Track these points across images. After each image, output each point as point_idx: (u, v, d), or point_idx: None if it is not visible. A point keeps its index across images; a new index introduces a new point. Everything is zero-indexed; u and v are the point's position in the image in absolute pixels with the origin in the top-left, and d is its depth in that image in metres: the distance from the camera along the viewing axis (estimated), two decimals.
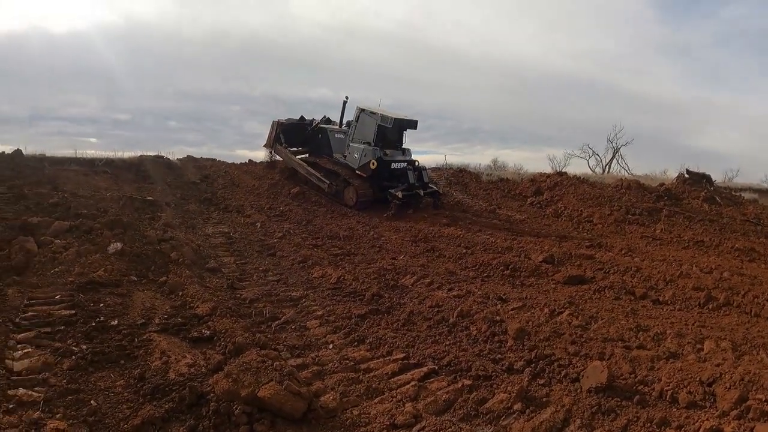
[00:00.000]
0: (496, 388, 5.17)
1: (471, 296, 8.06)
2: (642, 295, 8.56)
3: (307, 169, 18.10)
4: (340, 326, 6.65)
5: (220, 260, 9.65)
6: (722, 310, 8.08)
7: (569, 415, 4.67)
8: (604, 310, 7.71)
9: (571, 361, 5.75)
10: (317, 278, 8.83)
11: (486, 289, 8.60)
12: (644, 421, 4.62)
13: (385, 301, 7.71)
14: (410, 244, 11.99)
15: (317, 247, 11.31)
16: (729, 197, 20.68)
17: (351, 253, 10.84)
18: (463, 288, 8.55)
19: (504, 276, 9.60)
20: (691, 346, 6.29)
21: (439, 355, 5.85)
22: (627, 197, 18.37)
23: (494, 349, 6.13)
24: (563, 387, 5.25)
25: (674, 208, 17.80)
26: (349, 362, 5.60)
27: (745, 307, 8.13)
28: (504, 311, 7.38)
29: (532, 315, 7.30)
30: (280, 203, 16.43)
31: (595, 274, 9.76)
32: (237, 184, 18.61)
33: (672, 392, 5.04)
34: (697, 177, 21.77)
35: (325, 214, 15.55)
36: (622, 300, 8.40)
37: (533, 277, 9.64)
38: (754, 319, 7.75)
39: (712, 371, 5.31)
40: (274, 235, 12.08)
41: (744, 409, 4.68)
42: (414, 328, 6.75)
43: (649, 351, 6.06)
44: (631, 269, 10.06)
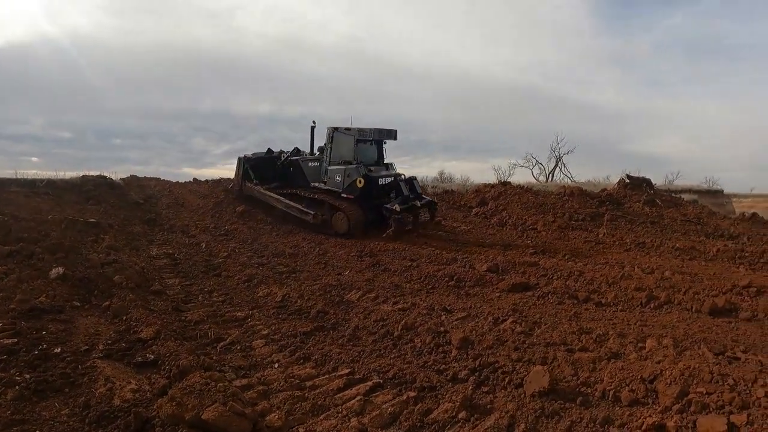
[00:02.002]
0: (440, 398, 5.21)
1: (416, 308, 8.15)
2: (585, 299, 8.81)
3: (285, 203, 16.96)
4: (286, 344, 6.62)
5: (165, 282, 9.53)
6: (664, 309, 8.41)
7: (513, 420, 4.73)
8: (547, 316, 7.90)
9: (515, 367, 5.84)
10: (262, 297, 8.79)
11: (431, 300, 8.70)
12: (588, 421, 4.72)
13: (331, 317, 7.73)
14: (356, 259, 12.10)
15: (262, 265, 11.28)
16: (669, 199, 21.52)
17: (296, 271, 10.82)
18: (408, 301, 8.63)
19: (449, 287, 9.74)
20: (633, 345, 6.50)
21: (384, 368, 5.86)
22: (570, 204, 18.89)
23: (438, 360, 6.18)
24: (507, 393, 5.32)
25: (616, 212, 18.41)
26: (295, 380, 5.58)
27: (686, 304, 8.48)
28: (448, 322, 7.46)
29: (476, 324, 7.39)
30: (225, 222, 16.36)
31: (538, 281, 9.99)
32: (181, 203, 18.54)
33: (614, 391, 5.18)
34: (637, 181, 22.58)
35: (270, 232, 15.59)
36: (565, 304, 8.63)
37: (478, 286, 9.80)
38: (695, 315, 8.09)
39: (653, 368, 5.50)
40: (219, 255, 12.00)
41: (685, 403, 4.84)
42: (359, 343, 6.77)
43: (591, 353, 6.22)
44: (574, 274, 10.37)
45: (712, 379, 5.22)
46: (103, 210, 15.68)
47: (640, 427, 4.55)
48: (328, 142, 16.60)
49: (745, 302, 8.59)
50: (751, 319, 7.99)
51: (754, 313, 8.14)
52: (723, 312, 8.19)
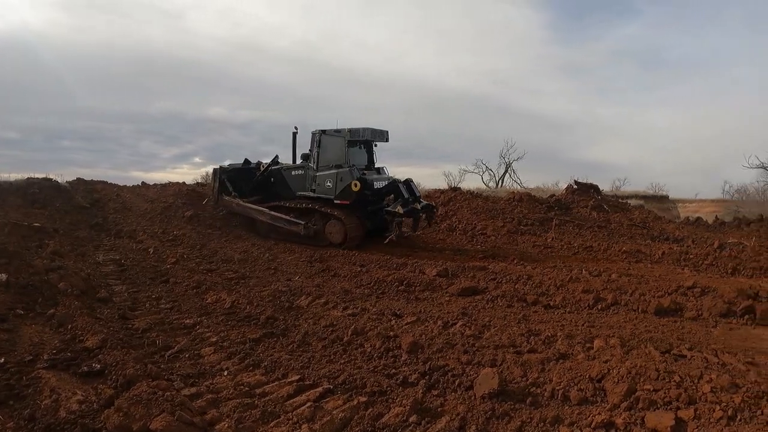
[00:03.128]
0: (391, 402, 5.21)
1: (366, 313, 8.20)
2: (533, 301, 9.02)
3: (271, 215, 15.85)
4: (235, 352, 6.54)
5: (112, 289, 9.33)
6: (611, 310, 8.69)
7: (464, 422, 4.76)
8: (496, 319, 8.02)
9: (465, 370, 5.90)
10: (211, 304, 8.68)
11: (381, 305, 8.77)
12: (537, 421, 4.79)
13: (280, 323, 7.69)
14: (305, 265, 12.13)
15: (211, 271, 11.18)
16: (616, 204, 22.16)
17: (246, 277, 10.77)
18: (358, 306, 8.69)
19: (399, 291, 9.84)
20: (581, 345, 6.66)
21: (334, 374, 5.85)
22: (519, 209, 19.24)
23: (389, 365, 6.20)
24: (457, 396, 5.37)
25: (564, 217, 18.83)
26: (244, 388, 5.51)
27: (632, 305, 8.77)
28: (398, 326, 7.51)
29: (426, 328, 7.46)
30: (174, 227, 16.11)
31: (488, 285, 10.16)
32: (129, 207, 18.21)
33: (563, 391, 5.28)
34: (585, 187, 23.19)
35: (219, 237, 15.46)
36: (514, 307, 8.81)
37: (428, 291, 9.92)
38: (642, 315, 8.39)
39: (600, 368, 5.63)
40: (167, 261, 11.85)
41: (633, 401, 4.98)
42: (309, 349, 6.74)
43: (539, 354, 6.34)
44: (523, 277, 10.56)
45: (659, 376, 5.38)
46: (49, 214, 15.32)
47: (590, 425, 4.64)
48: (314, 146, 15.71)
49: (690, 302, 8.91)
50: (696, 318, 8.36)
51: (698, 312, 8.49)
52: (669, 312, 8.52)
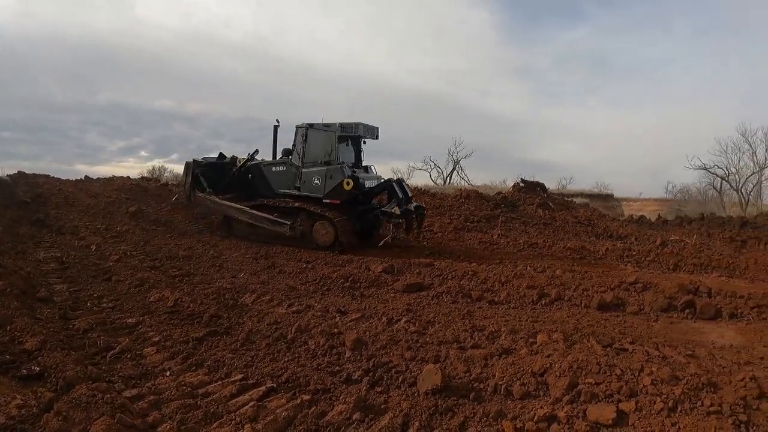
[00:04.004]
0: (335, 400, 5.17)
1: (310, 311, 8.15)
2: (478, 297, 9.12)
3: (252, 214, 14.83)
4: (178, 351, 6.38)
5: (52, 288, 8.94)
6: (554, 305, 8.88)
7: (408, 419, 4.75)
8: (441, 315, 8.06)
9: (408, 366, 5.89)
10: (154, 302, 8.44)
11: (326, 302, 8.72)
12: (481, 415, 4.82)
13: (224, 321, 7.55)
14: (251, 262, 12.00)
15: (155, 268, 10.92)
16: (562, 202, 22.64)
17: (190, 274, 10.54)
18: (303, 303, 8.61)
19: (344, 288, 9.81)
20: (524, 341, 6.74)
21: (278, 372, 5.77)
22: (466, 206, 19.48)
23: (332, 362, 6.16)
24: (401, 392, 5.35)
25: (511, 214, 19.18)
26: (187, 388, 5.38)
27: (575, 300, 9.00)
28: (342, 323, 7.48)
29: (371, 325, 7.45)
30: (117, 223, 15.63)
31: (433, 281, 10.24)
32: (72, 203, 17.62)
33: (506, 386, 5.32)
34: (531, 185, 23.66)
35: (164, 234, 15.08)
36: (459, 303, 8.88)
37: (373, 287, 9.92)
38: (584, 310, 8.61)
39: (543, 362, 5.72)
40: (109, 258, 11.43)
41: (575, 394, 5.07)
42: (253, 347, 6.63)
43: (483, 349, 6.38)
44: (469, 273, 10.70)
45: (600, 369, 5.49)
46: None
47: (532, 419, 4.69)
48: (301, 141, 14.84)
49: (632, 297, 9.20)
50: (637, 312, 8.61)
51: (640, 306, 8.76)
52: (611, 307, 8.77)
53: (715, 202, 40.02)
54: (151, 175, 36.80)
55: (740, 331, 7.95)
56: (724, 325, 8.29)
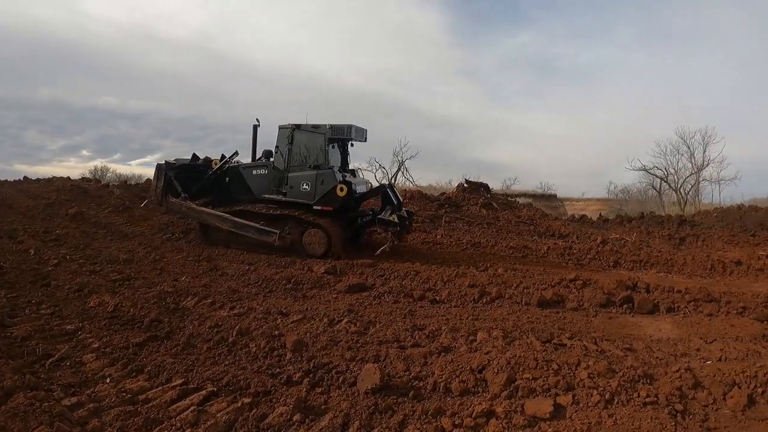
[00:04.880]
0: (275, 402, 5.15)
1: (252, 313, 8.09)
2: (420, 297, 9.21)
3: (235, 221, 13.68)
4: (118, 357, 6.28)
5: None
6: (495, 303, 9.05)
7: (348, 419, 4.78)
8: (382, 315, 8.12)
9: (349, 367, 5.91)
10: (94, 307, 8.23)
11: (268, 304, 8.67)
12: (420, 413, 4.87)
13: (165, 325, 7.44)
14: (193, 264, 11.78)
15: (95, 273, 10.59)
16: (505, 202, 23.01)
17: (131, 278, 10.29)
18: (245, 305, 8.55)
19: (286, 290, 9.78)
20: (464, 339, 6.86)
21: (219, 376, 5.72)
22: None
23: (273, 364, 6.15)
24: (341, 392, 5.37)
25: (454, 214, 19.34)
26: (127, 395, 5.30)
27: (516, 298, 9.20)
28: (284, 325, 7.47)
29: (312, 326, 7.44)
30: (57, 226, 15.13)
31: (375, 281, 10.31)
32: (9, 205, 17.27)
33: (445, 383, 5.41)
34: (475, 186, 23.95)
35: (105, 237, 14.62)
36: (400, 303, 8.95)
37: (315, 288, 9.91)
38: (525, 307, 8.80)
39: (481, 359, 5.83)
40: (49, 263, 11.06)
41: (513, 389, 5.19)
42: (194, 351, 6.57)
43: (423, 348, 6.47)
44: (411, 273, 10.81)
45: (538, 365, 5.62)
46: None
47: (471, 415, 4.77)
48: (286, 143, 13.88)
49: (572, 294, 9.44)
50: (577, 308, 8.88)
51: (579, 303, 9.01)
52: (551, 304, 9.00)
53: (655, 201, 41.29)
54: (92, 176, 35.96)
55: (677, 324, 8.24)
56: (661, 318, 8.60)
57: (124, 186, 22.81)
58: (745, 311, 8.84)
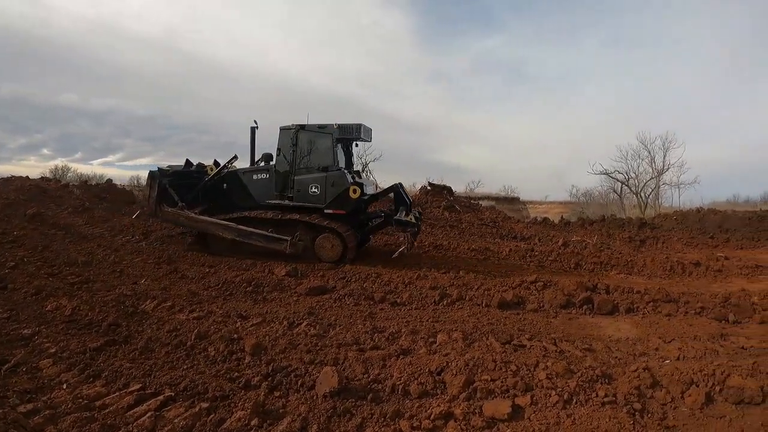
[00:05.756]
0: (233, 406, 5.10)
1: (212, 316, 8.03)
2: (381, 299, 9.24)
3: (241, 229, 12.97)
4: (75, 362, 6.13)
5: None
6: (456, 305, 9.12)
7: (306, 422, 4.75)
8: (342, 317, 8.13)
9: (308, 370, 5.87)
10: (51, 311, 8.04)
11: (227, 307, 8.63)
12: (378, 416, 4.86)
13: (123, 329, 7.31)
14: (153, 267, 11.63)
15: (53, 275, 10.35)
16: (468, 205, 23.20)
17: (89, 281, 10.07)
18: (205, 308, 8.48)
19: (247, 293, 9.71)
20: (423, 341, 6.87)
21: (177, 380, 5.64)
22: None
23: (232, 368, 6.07)
24: (300, 396, 5.33)
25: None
26: (84, 401, 5.18)
27: (476, 299, 9.28)
28: (243, 328, 7.43)
29: (271, 329, 7.41)
30: (14, 227, 14.58)
31: (336, 284, 10.31)
32: None
33: (403, 386, 5.40)
34: (438, 188, 24.11)
35: (63, 238, 14.23)
36: (361, 305, 8.96)
37: (276, 291, 9.88)
38: (485, 309, 8.89)
39: (440, 361, 5.85)
40: (5, 265, 10.74)
41: (472, 391, 5.21)
42: (152, 356, 6.46)
43: (382, 351, 6.47)
44: (372, 276, 10.87)
45: (496, 366, 5.67)
46: None
47: (429, 417, 4.77)
48: (288, 144, 13.42)
49: (532, 295, 9.57)
50: (537, 310, 8.99)
51: (540, 304, 9.14)
52: (511, 305, 9.10)
53: (616, 204, 42.27)
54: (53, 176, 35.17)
55: (636, 324, 8.40)
56: (621, 319, 8.75)
57: (85, 186, 22.40)
58: (704, 311, 9.06)
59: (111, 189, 22.24)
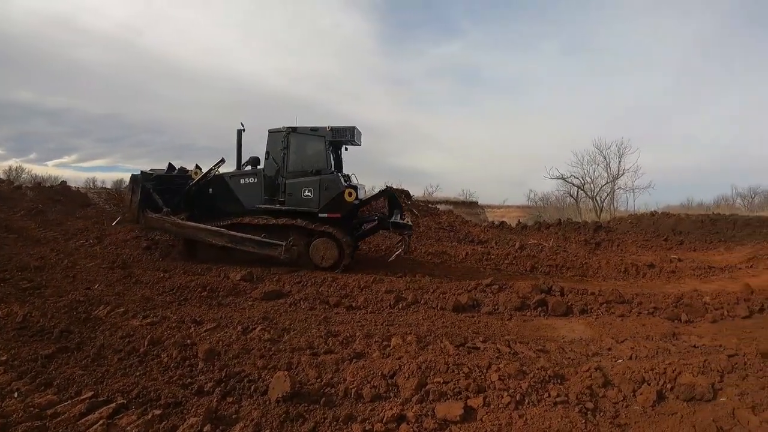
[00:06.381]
0: (186, 413, 5.05)
1: (165, 322, 7.92)
2: (336, 303, 9.24)
3: (233, 235, 12.47)
4: (26, 371, 5.97)
5: None
6: (411, 308, 9.18)
7: (259, 428, 4.74)
8: (297, 322, 8.09)
9: (261, 375, 5.85)
10: (2, 318, 7.79)
11: (182, 312, 8.53)
12: (331, 420, 4.87)
13: (75, 336, 7.14)
14: (106, 272, 11.35)
15: (4, 281, 10.00)
16: (426, 209, 23.29)
17: (42, 286, 9.78)
18: (159, 314, 8.36)
19: (202, 298, 9.63)
20: (377, 344, 6.89)
21: (129, 387, 5.55)
22: None
23: (185, 374, 6.01)
24: (253, 401, 5.31)
25: None
26: (35, 409, 5.06)
27: (432, 303, 9.38)
28: (197, 334, 7.35)
29: (225, 334, 7.35)
30: None
31: (292, 288, 10.28)
32: None
33: (356, 389, 5.41)
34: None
35: (15, 242, 13.83)
36: (316, 310, 8.95)
37: (231, 296, 9.81)
38: (440, 312, 8.98)
39: (393, 364, 5.87)
40: None
41: (424, 393, 5.24)
42: (104, 363, 6.35)
43: (336, 354, 6.47)
44: (328, 280, 10.88)
45: (449, 369, 5.72)
46: None
47: (381, 420, 4.79)
48: (279, 147, 13.12)
49: (487, 298, 9.71)
50: (492, 312, 9.10)
51: (495, 307, 9.26)
52: (466, 308, 9.20)
53: (572, 208, 43.15)
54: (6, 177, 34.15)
55: (589, 325, 8.57)
56: (574, 320, 8.92)
57: (38, 188, 21.87)
58: (657, 311, 9.31)
59: (65, 191, 21.73)
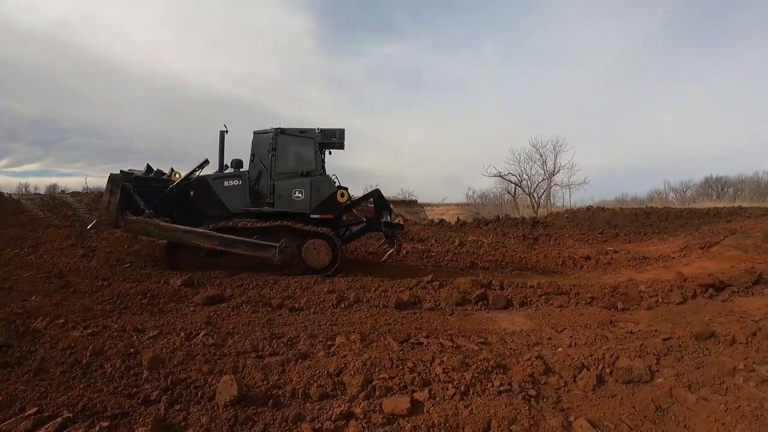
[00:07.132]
0: (134, 423, 5.01)
1: (107, 331, 7.76)
2: (279, 305, 9.27)
3: (223, 238, 11.99)
4: None
5: None
6: (354, 307, 9.29)
7: None
8: (240, 325, 8.08)
9: (207, 381, 5.85)
10: None
11: (123, 321, 8.36)
12: (280, 421, 4.93)
13: (15, 350, 6.91)
14: (43, 282, 10.99)
15: None
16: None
17: None
18: (99, 324, 8.16)
19: (143, 305, 9.45)
20: (322, 344, 6.99)
21: (74, 401, 5.45)
22: None
23: (130, 384, 5.94)
24: (201, 407, 5.31)
25: None
26: None
27: (374, 301, 9.53)
28: (140, 342, 7.25)
29: (168, 341, 7.28)
30: None
31: (234, 291, 10.21)
32: None
33: (303, 389, 5.48)
34: None
35: None
36: (259, 312, 8.95)
37: (173, 302, 9.69)
38: (383, 310, 9.13)
39: (338, 363, 5.99)
40: None
41: (370, 390, 5.37)
42: (47, 377, 6.18)
43: (281, 356, 6.51)
44: (269, 282, 10.88)
45: (393, 364, 5.87)
46: None
47: (330, 418, 4.88)
48: (266, 149, 12.99)
49: (429, 294, 9.90)
50: (434, 308, 9.30)
51: (436, 303, 9.46)
52: (408, 305, 9.36)
53: (510, 205, 44.06)
54: None
55: (529, 316, 8.87)
56: (515, 313, 9.19)
57: None
58: (594, 301, 9.70)
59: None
